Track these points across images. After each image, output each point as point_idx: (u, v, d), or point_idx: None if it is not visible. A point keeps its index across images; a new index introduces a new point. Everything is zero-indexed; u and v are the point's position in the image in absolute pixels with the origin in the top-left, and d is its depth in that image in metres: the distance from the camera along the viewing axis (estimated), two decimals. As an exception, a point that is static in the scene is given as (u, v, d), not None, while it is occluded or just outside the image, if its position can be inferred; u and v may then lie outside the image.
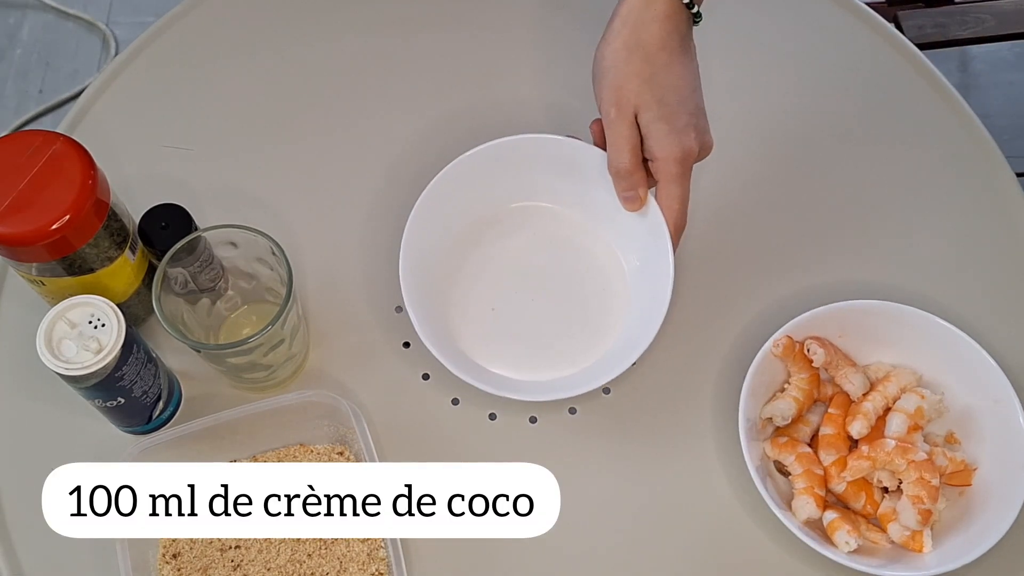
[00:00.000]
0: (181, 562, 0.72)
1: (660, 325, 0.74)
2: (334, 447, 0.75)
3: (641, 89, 0.72)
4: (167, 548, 0.72)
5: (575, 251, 0.82)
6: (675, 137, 0.72)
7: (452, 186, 0.80)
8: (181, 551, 0.72)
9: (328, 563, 0.71)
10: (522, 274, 0.82)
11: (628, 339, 0.77)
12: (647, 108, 0.72)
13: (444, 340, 0.76)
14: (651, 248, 0.77)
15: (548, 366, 0.78)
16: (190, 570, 0.71)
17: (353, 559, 0.71)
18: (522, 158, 0.81)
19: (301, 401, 0.73)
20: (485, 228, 0.83)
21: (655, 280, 0.76)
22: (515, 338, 0.80)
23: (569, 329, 0.80)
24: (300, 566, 0.71)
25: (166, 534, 0.72)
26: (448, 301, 0.80)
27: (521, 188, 0.83)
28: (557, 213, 0.83)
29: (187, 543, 0.72)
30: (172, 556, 0.72)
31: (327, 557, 0.71)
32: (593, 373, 0.76)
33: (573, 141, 0.80)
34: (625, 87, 0.72)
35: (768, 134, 0.89)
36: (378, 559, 0.71)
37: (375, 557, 0.71)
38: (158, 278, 0.69)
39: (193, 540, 0.72)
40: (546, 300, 0.81)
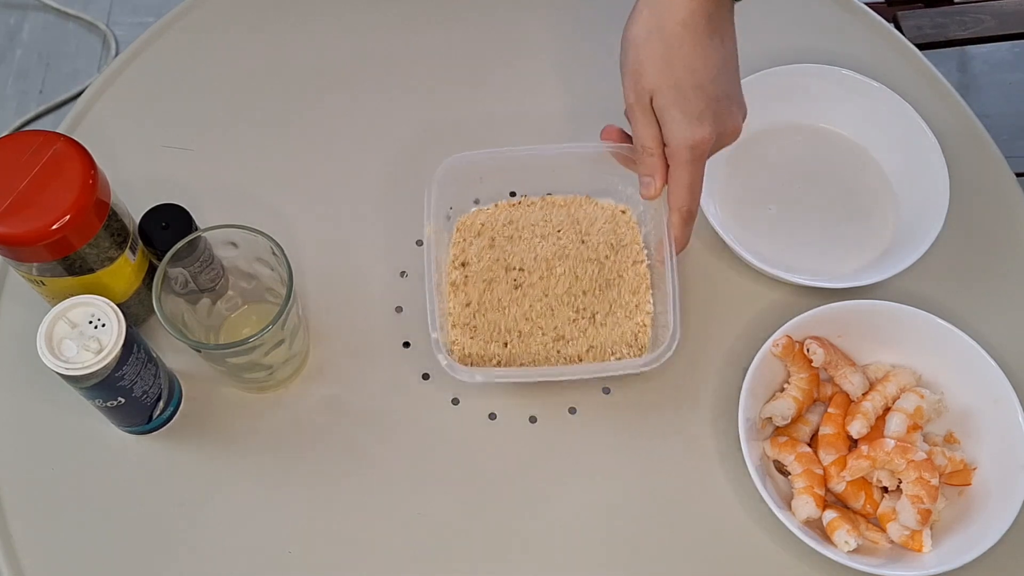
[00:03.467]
0: (469, 271, 0.80)
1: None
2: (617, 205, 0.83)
3: (656, 74, 0.71)
4: (456, 257, 0.81)
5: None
6: (687, 124, 0.71)
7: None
8: (469, 261, 0.80)
9: (599, 303, 0.78)
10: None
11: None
12: (661, 93, 0.71)
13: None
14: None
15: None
16: (476, 280, 0.80)
17: (623, 306, 0.78)
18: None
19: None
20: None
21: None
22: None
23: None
24: (575, 299, 0.78)
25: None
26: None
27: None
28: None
29: (475, 255, 0.81)
30: (461, 264, 0.80)
31: (600, 299, 0.79)
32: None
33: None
34: (641, 72, 0.71)
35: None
36: (644, 311, 0.78)
37: (642, 309, 0.78)
38: (158, 278, 0.69)
39: (480, 254, 0.81)
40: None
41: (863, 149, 0.88)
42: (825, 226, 0.85)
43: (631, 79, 0.72)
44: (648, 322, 0.78)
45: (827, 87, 0.87)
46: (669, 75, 0.70)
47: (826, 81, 0.87)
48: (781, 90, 0.87)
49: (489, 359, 0.78)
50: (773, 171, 0.87)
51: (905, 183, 0.85)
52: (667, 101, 0.71)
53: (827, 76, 0.87)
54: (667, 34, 0.70)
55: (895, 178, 0.86)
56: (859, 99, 0.87)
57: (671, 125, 0.71)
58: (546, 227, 0.82)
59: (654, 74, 0.71)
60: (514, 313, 0.79)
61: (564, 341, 0.78)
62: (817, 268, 0.82)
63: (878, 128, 0.87)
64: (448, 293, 0.80)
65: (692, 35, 0.70)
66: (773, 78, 0.86)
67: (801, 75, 0.87)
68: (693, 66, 0.70)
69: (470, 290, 0.80)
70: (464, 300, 0.79)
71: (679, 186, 0.73)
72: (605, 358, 0.77)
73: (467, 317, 0.79)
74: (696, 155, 0.72)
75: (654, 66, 0.71)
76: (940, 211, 0.81)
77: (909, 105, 0.85)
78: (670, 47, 0.70)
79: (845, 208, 0.86)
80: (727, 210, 0.85)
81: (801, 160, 0.88)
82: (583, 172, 0.83)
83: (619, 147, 0.78)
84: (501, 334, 0.78)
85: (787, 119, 0.88)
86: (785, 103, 0.88)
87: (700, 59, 0.71)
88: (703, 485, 0.76)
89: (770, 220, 0.85)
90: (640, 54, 0.71)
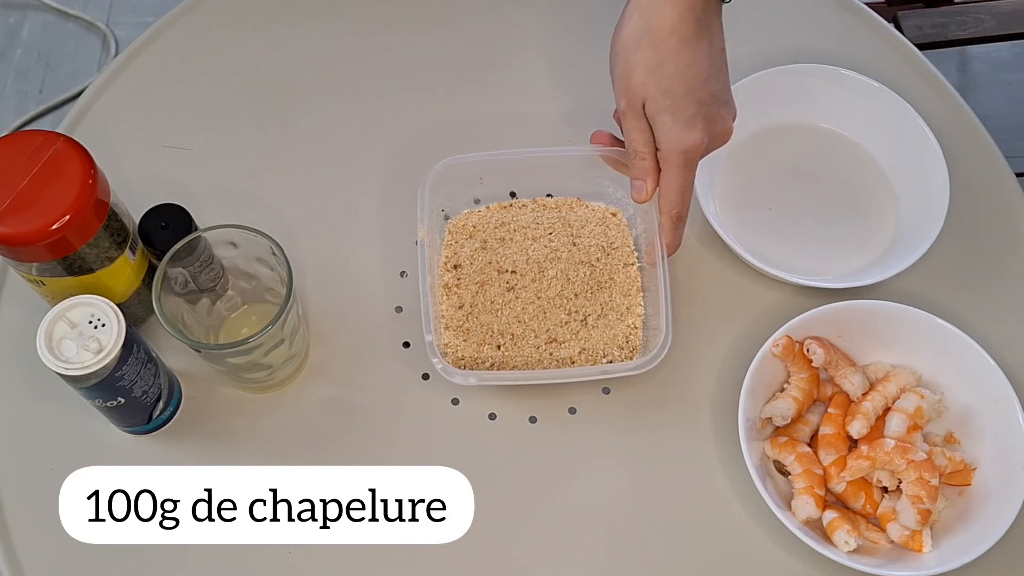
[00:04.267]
0: (461, 273, 0.80)
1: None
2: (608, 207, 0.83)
3: (647, 79, 0.71)
4: (448, 259, 0.81)
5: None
6: (679, 129, 0.71)
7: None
8: (461, 263, 0.80)
9: (591, 305, 0.78)
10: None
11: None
12: (652, 99, 0.71)
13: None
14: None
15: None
16: (468, 282, 0.79)
17: (614, 308, 0.79)
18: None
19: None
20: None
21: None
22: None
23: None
24: (567, 301, 0.78)
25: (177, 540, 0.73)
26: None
27: None
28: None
29: (467, 257, 0.80)
30: (453, 266, 0.80)
31: (592, 301, 0.79)
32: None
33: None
34: (632, 77, 0.71)
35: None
36: (635, 314, 0.79)
37: (633, 312, 0.79)
38: (158, 278, 0.69)
39: (473, 257, 0.80)
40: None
41: (863, 149, 0.88)
42: (825, 226, 0.85)
43: (622, 84, 0.72)
44: (639, 324, 0.79)
45: (827, 87, 0.87)
46: (660, 80, 0.71)
47: (826, 81, 0.87)
48: (781, 90, 0.87)
49: (483, 362, 0.77)
50: (773, 171, 0.87)
51: (905, 183, 0.85)
52: (659, 107, 0.71)
53: (827, 76, 0.87)
54: (657, 39, 0.70)
55: (895, 178, 0.86)
56: (859, 99, 0.87)
57: (663, 130, 0.72)
58: (538, 229, 0.82)
59: (645, 79, 0.71)
60: (506, 316, 0.79)
61: (557, 344, 0.78)
62: (817, 268, 0.82)
63: (878, 128, 0.87)
64: (441, 295, 0.80)
65: (682, 40, 0.70)
66: (773, 78, 0.86)
67: (801, 75, 0.87)
68: (683, 71, 0.71)
69: (463, 292, 0.80)
70: (457, 303, 0.79)
71: (670, 190, 0.73)
72: (597, 360, 0.77)
73: (460, 319, 0.79)
74: (688, 159, 0.72)
75: (645, 71, 0.71)
76: (940, 211, 0.81)
77: (909, 105, 0.85)
78: (660, 52, 0.70)
79: (845, 208, 0.86)
80: (727, 210, 0.85)
81: (801, 160, 0.88)
82: (575, 175, 0.83)
83: (610, 151, 0.78)
84: (494, 337, 0.78)
85: (787, 119, 0.88)
86: (785, 103, 0.88)
87: (690, 64, 0.71)
88: (703, 485, 0.76)
89: (770, 220, 0.85)
90: (630, 59, 0.71)
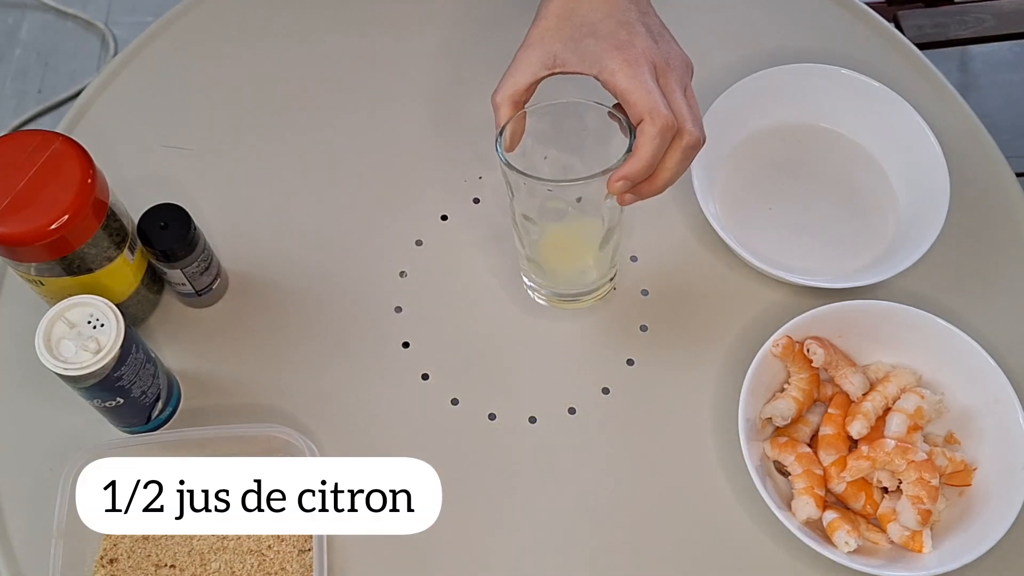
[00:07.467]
0: (116, 569, 0.71)
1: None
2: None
3: (565, 46, 0.71)
4: (105, 552, 0.72)
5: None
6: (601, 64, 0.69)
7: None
8: (119, 557, 0.72)
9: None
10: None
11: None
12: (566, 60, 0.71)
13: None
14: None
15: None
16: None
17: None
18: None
19: (262, 434, 0.73)
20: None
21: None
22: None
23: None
24: None
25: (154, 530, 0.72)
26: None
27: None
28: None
29: (127, 551, 0.72)
30: (109, 561, 0.72)
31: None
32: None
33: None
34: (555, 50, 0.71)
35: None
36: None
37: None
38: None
39: (132, 550, 0.72)
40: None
41: (863, 149, 0.88)
42: (825, 226, 0.85)
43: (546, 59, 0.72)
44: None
45: (827, 87, 0.87)
46: (573, 37, 0.70)
47: (826, 81, 0.87)
48: (781, 90, 0.87)
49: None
50: (773, 171, 0.87)
51: (905, 183, 0.85)
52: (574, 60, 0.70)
53: (827, 76, 0.87)
54: (576, 18, 0.71)
55: (895, 178, 0.86)
56: (859, 99, 0.87)
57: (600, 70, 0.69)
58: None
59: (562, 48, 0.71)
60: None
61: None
62: (817, 268, 0.82)
63: (878, 128, 0.87)
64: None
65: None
66: (773, 78, 0.86)
67: (801, 75, 0.87)
68: (586, 20, 0.70)
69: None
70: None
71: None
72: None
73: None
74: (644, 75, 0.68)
75: (560, 42, 0.71)
76: (940, 211, 0.81)
77: (909, 105, 0.85)
78: (572, 21, 0.71)
79: (845, 208, 0.86)
80: (727, 210, 0.85)
81: (801, 160, 0.88)
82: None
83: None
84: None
85: (787, 119, 0.88)
86: (785, 103, 0.88)
87: (590, 8, 0.70)
88: (703, 485, 0.76)
89: (770, 220, 0.85)
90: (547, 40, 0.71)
